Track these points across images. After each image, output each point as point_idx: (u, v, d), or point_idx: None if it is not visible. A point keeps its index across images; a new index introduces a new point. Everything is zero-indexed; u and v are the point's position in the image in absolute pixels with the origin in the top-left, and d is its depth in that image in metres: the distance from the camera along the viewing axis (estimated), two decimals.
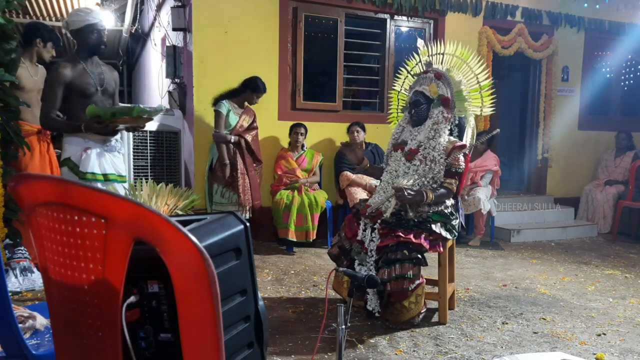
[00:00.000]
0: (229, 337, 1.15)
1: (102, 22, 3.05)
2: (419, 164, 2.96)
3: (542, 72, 6.46)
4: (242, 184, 4.44)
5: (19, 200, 1.10)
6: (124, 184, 3.26)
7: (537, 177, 6.70)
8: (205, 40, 4.78)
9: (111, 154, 3.21)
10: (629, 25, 6.79)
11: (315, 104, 5.32)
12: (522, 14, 6.17)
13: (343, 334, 1.75)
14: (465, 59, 3.11)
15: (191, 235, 0.90)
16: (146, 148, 4.60)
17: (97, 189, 0.98)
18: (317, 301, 3.28)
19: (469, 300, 3.38)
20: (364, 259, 2.84)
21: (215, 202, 4.52)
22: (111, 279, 0.97)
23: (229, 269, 1.17)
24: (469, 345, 2.62)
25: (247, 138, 4.50)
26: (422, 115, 3.06)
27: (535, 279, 3.98)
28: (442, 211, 2.92)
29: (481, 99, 3.11)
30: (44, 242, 1.06)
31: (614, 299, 3.49)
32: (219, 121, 4.41)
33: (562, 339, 2.73)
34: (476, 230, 5.32)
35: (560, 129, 6.54)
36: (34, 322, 1.52)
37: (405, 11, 5.53)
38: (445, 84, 3.06)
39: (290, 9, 5.11)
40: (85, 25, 2.98)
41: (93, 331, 1.02)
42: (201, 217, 1.26)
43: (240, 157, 4.49)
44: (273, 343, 2.56)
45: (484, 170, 5.32)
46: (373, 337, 2.70)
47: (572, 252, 5.08)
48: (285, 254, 4.60)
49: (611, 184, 6.24)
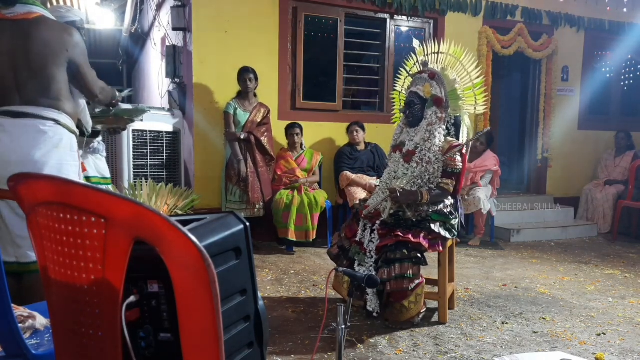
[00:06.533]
0: (229, 337, 1.15)
1: (82, 20, 3.03)
2: (416, 165, 2.97)
3: (542, 72, 6.46)
4: (252, 183, 4.55)
5: (19, 200, 1.10)
6: (108, 186, 3.26)
7: (537, 177, 6.70)
8: (205, 40, 4.78)
9: (93, 156, 3.20)
10: (629, 25, 6.79)
11: (315, 103, 5.33)
12: (522, 14, 6.17)
13: (343, 333, 1.75)
14: (458, 58, 3.11)
15: (191, 235, 0.90)
16: (146, 148, 4.60)
17: (97, 189, 0.98)
18: (317, 301, 3.28)
19: (469, 300, 3.38)
20: (363, 259, 2.84)
21: (229, 201, 4.61)
22: (111, 278, 0.97)
23: (229, 269, 1.17)
24: (468, 345, 2.62)
25: (257, 135, 4.61)
26: (417, 115, 3.06)
27: (535, 278, 3.98)
28: (442, 211, 2.92)
29: (474, 97, 3.11)
30: (44, 242, 1.06)
31: (613, 299, 3.49)
32: (228, 121, 4.58)
33: (562, 339, 2.73)
34: (476, 230, 5.32)
35: (560, 129, 6.54)
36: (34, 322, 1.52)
37: (405, 11, 5.53)
38: (439, 84, 3.06)
39: (290, 9, 5.11)
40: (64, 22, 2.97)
41: (93, 331, 1.02)
42: (201, 217, 1.26)
43: (250, 155, 4.60)
44: (273, 343, 2.56)
45: (483, 170, 5.32)
46: (373, 337, 2.70)
47: (572, 252, 5.09)
48: (285, 254, 4.60)
49: (611, 183, 6.24)
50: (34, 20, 2.17)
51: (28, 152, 2.08)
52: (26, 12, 2.17)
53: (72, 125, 2.26)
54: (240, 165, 4.52)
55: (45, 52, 2.16)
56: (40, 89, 2.16)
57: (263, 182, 4.64)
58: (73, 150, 2.24)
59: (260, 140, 4.64)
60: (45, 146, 2.11)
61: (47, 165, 2.11)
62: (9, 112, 2.11)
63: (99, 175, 3.19)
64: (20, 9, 2.17)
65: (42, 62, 2.16)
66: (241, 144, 4.58)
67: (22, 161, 2.06)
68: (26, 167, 2.04)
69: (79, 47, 2.27)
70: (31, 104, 2.14)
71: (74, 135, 2.27)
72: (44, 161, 2.10)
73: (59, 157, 2.16)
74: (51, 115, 2.15)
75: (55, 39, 2.18)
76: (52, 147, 2.13)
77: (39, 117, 2.13)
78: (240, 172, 4.51)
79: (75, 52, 2.24)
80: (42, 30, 2.16)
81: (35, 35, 2.15)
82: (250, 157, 4.61)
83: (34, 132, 2.11)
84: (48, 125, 2.14)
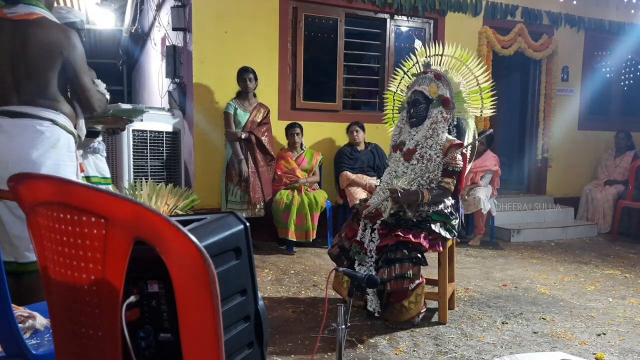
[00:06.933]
0: (229, 337, 1.15)
1: (82, 21, 3.03)
2: (416, 163, 2.96)
3: (542, 72, 6.47)
4: (253, 182, 4.55)
5: (19, 200, 1.10)
6: (108, 186, 3.26)
7: (537, 177, 6.70)
8: (205, 40, 4.78)
9: (93, 155, 3.20)
10: (629, 25, 6.79)
11: (315, 103, 5.33)
12: (522, 14, 6.17)
13: (343, 333, 1.75)
14: (464, 61, 3.11)
15: (191, 235, 0.90)
16: (146, 148, 4.60)
17: (97, 189, 0.97)
18: (317, 301, 3.28)
19: (469, 300, 3.38)
20: (363, 259, 2.84)
21: (230, 201, 4.61)
22: (111, 278, 0.97)
23: (229, 269, 1.17)
24: (468, 345, 2.62)
25: (257, 134, 4.61)
26: (421, 114, 3.05)
27: (535, 278, 3.98)
28: (442, 211, 2.92)
29: (481, 100, 3.10)
30: (44, 242, 1.06)
31: (613, 299, 3.49)
32: (228, 121, 4.58)
33: (561, 339, 2.73)
34: (476, 230, 5.32)
35: (560, 129, 6.55)
36: (34, 322, 1.52)
37: (405, 11, 5.53)
38: (445, 85, 3.06)
39: (290, 9, 5.11)
40: (64, 23, 2.97)
41: (93, 331, 1.02)
42: (201, 217, 1.26)
43: (251, 155, 4.61)
44: (273, 343, 2.56)
45: (483, 170, 5.32)
46: (373, 337, 2.70)
47: (572, 252, 5.09)
48: (285, 254, 4.60)
49: (611, 183, 6.24)
50: (33, 21, 2.16)
51: (25, 152, 2.08)
52: (27, 12, 2.16)
53: (70, 126, 2.26)
54: (241, 165, 4.52)
55: (42, 53, 2.15)
56: (37, 89, 2.15)
57: (264, 182, 4.65)
58: (70, 151, 2.24)
59: (261, 140, 4.65)
60: (43, 146, 2.11)
61: (44, 166, 2.11)
62: (6, 112, 2.11)
63: (99, 175, 3.19)
64: (22, 9, 2.16)
65: (40, 64, 2.16)
66: (242, 143, 4.58)
67: (19, 161, 2.06)
68: (23, 167, 2.04)
69: (76, 50, 2.25)
70: (29, 104, 2.14)
71: (71, 135, 2.26)
72: (41, 161, 2.10)
73: (56, 158, 2.15)
74: (49, 116, 2.15)
75: (52, 41, 2.17)
76: (49, 147, 2.13)
77: (36, 117, 2.13)
78: (242, 172, 4.52)
79: (71, 55, 2.22)
80: (41, 32, 2.16)
81: (33, 36, 2.14)
82: (251, 156, 4.62)
83: (31, 132, 2.10)
84: (45, 126, 2.13)
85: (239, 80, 4.62)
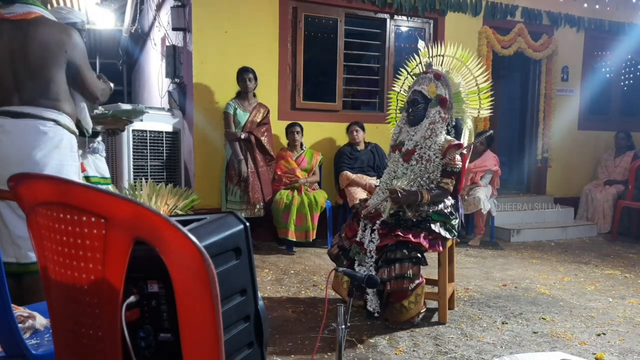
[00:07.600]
0: (229, 337, 1.15)
1: (82, 22, 3.03)
2: (415, 163, 2.97)
3: (542, 72, 6.47)
4: (252, 183, 4.55)
5: (19, 200, 1.10)
6: (108, 186, 3.26)
7: (536, 177, 6.70)
8: (205, 40, 4.78)
9: (93, 156, 3.20)
10: (629, 25, 6.79)
11: (315, 103, 5.33)
12: (522, 14, 6.17)
13: (343, 333, 1.75)
14: (464, 61, 3.11)
15: (191, 235, 0.90)
16: (146, 148, 4.61)
17: (97, 189, 0.98)
18: (317, 301, 3.28)
19: (469, 300, 3.38)
20: (363, 259, 2.84)
21: (229, 201, 4.61)
22: (111, 279, 0.97)
23: (229, 269, 1.17)
24: (468, 345, 2.62)
25: (257, 134, 4.61)
26: (419, 114, 3.06)
27: (535, 278, 3.98)
28: (442, 211, 2.92)
29: (479, 101, 3.10)
30: (44, 242, 1.06)
31: (613, 299, 3.49)
32: (228, 121, 4.59)
33: (561, 339, 2.73)
34: (476, 230, 5.32)
35: (560, 129, 6.55)
36: (33, 322, 1.52)
37: (405, 11, 5.53)
38: (444, 85, 3.06)
39: (290, 9, 5.11)
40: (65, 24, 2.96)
41: (93, 331, 1.02)
42: (201, 217, 1.26)
43: (250, 155, 4.61)
44: (273, 343, 2.56)
45: (483, 170, 5.32)
46: (373, 337, 2.70)
47: (571, 252, 5.09)
48: (285, 254, 4.60)
49: (611, 183, 6.24)
50: (32, 20, 2.16)
51: (29, 152, 2.08)
52: (25, 12, 2.16)
53: (72, 126, 2.26)
54: (241, 165, 4.53)
55: (43, 53, 2.15)
56: (39, 89, 2.15)
57: (263, 182, 4.65)
58: (73, 151, 2.24)
59: (261, 140, 4.66)
60: (46, 147, 2.11)
61: (48, 166, 2.11)
62: (8, 112, 2.11)
63: (99, 175, 3.19)
64: (19, 8, 2.16)
65: (41, 63, 2.16)
66: (241, 143, 4.59)
67: (23, 161, 2.06)
68: (27, 167, 2.04)
69: (78, 48, 2.26)
70: (30, 104, 2.14)
71: (73, 135, 2.27)
72: (45, 162, 2.10)
73: (60, 158, 2.16)
74: (51, 116, 2.15)
75: (53, 40, 2.17)
76: (53, 147, 2.13)
77: (39, 117, 2.13)
78: (241, 172, 4.52)
79: (74, 53, 2.23)
80: (41, 31, 2.16)
81: (33, 36, 2.14)
82: (251, 157, 4.62)
83: (34, 132, 2.11)
84: (48, 126, 2.14)
85: (238, 80, 4.62)
